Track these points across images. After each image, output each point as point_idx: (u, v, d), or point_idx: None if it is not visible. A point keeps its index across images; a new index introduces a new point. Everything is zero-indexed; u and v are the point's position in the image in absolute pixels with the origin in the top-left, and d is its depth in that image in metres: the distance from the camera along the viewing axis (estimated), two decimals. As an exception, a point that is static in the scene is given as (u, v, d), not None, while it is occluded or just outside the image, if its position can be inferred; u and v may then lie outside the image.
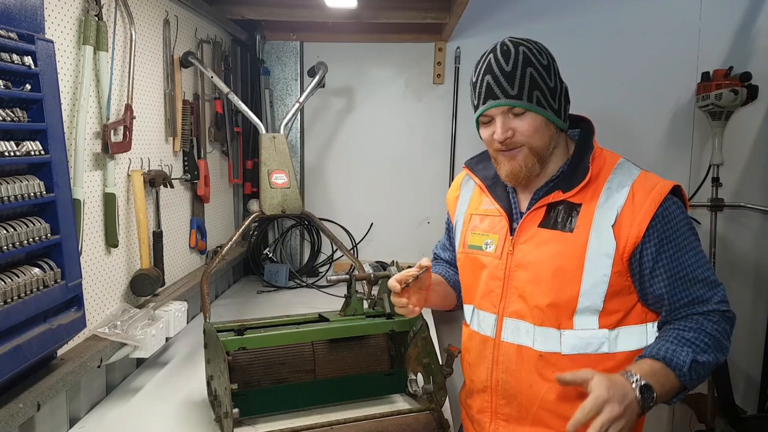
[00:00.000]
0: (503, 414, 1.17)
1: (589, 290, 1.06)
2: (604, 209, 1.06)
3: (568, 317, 1.08)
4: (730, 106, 2.39)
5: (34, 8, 1.13)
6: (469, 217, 1.27)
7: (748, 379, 2.65)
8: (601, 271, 1.05)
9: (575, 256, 1.06)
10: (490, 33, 2.61)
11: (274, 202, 1.98)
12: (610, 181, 1.09)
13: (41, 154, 1.11)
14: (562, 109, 1.10)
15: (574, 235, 1.07)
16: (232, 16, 2.35)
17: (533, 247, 1.11)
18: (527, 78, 1.05)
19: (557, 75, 1.10)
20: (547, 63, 1.08)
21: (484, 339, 1.19)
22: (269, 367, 1.32)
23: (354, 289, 1.42)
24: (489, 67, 1.08)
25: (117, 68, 1.51)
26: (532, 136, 1.08)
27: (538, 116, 1.07)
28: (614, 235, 1.04)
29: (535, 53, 1.07)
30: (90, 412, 1.39)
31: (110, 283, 1.51)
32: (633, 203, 1.05)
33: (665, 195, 1.05)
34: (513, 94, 1.05)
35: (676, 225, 1.05)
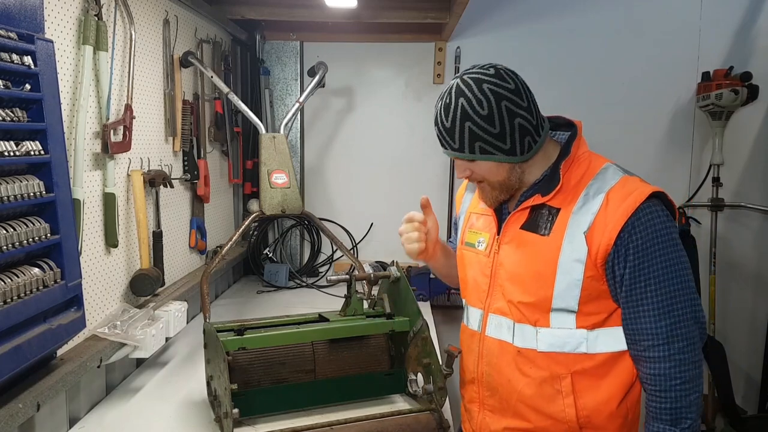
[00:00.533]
0: (488, 405, 1.21)
1: (562, 293, 1.08)
2: (578, 215, 1.08)
3: (544, 315, 1.10)
4: (731, 106, 2.39)
5: (33, 8, 1.13)
6: (468, 215, 1.31)
7: (748, 379, 2.65)
8: (573, 276, 1.07)
9: (549, 259, 1.09)
10: (491, 33, 2.61)
11: (274, 202, 1.98)
12: (589, 187, 1.09)
13: (41, 154, 1.11)
14: (517, 144, 1.09)
15: (549, 239, 1.09)
16: (232, 15, 2.35)
17: (514, 248, 1.15)
18: (466, 132, 1.08)
19: (504, 117, 1.07)
20: (488, 112, 1.06)
21: (472, 333, 1.24)
22: (269, 367, 1.31)
23: (354, 289, 1.42)
24: (436, 119, 1.13)
25: (117, 68, 1.51)
26: (487, 177, 1.14)
27: (487, 162, 1.11)
28: (586, 241, 1.06)
29: (474, 105, 1.06)
30: (90, 412, 1.39)
31: (110, 283, 1.50)
32: (606, 210, 1.05)
33: (640, 203, 1.04)
34: (456, 147, 1.11)
35: (648, 234, 1.04)
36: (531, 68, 2.57)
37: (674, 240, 1.06)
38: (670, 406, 1.04)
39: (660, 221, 1.05)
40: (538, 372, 1.12)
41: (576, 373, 1.10)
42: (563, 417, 1.11)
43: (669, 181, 2.61)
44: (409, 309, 1.39)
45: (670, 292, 1.04)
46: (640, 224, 1.04)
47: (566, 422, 1.11)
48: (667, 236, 1.05)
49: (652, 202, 1.06)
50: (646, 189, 1.06)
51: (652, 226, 1.04)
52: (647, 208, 1.04)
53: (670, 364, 1.03)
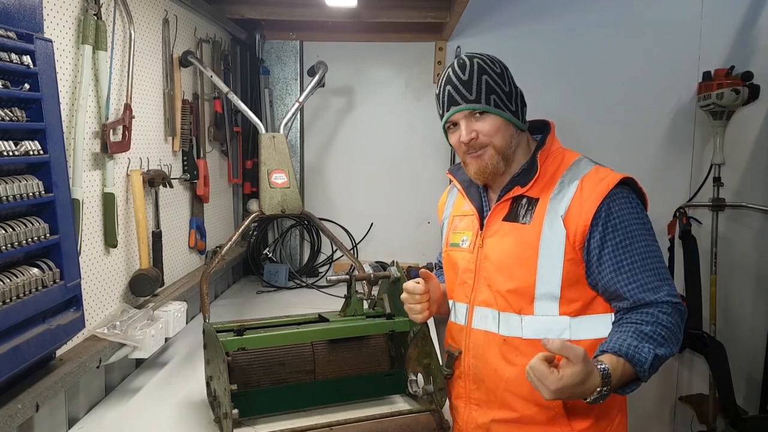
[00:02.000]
0: (475, 398, 1.23)
1: (544, 277, 1.13)
2: (555, 201, 1.14)
3: (529, 303, 1.15)
4: (732, 106, 2.39)
5: (32, 7, 1.13)
6: (452, 219, 1.36)
7: (749, 380, 2.65)
8: (554, 259, 1.12)
9: (531, 245, 1.14)
10: (491, 32, 2.60)
11: (273, 202, 1.98)
12: (564, 176, 1.17)
13: (40, 153, 1.11)
14: (519, 111, 1.21)
15: (530, 225, 1.15)
16: (231, 15, 2.35)
17: (498, 239, 1.20)
18: (483, 84, 1.17)
19: (511, 81, 1.21)
20: (500, 71, 1.20)
21: (460, 328, 1.27)
22: (269, 368, 1.31)
23: (354, 290, 1.41)
24: (449, 78, 1.20)
25: (116, 68, 1.51)
26: (495, 136, 1.18)
27: (498, 117, 1.17)
28: (564, 225, 1.12)
29: (489, 63, 1.19)
30: (89, 412, 1.39)
31: (109, 284, 1.50)
32: (581, 195, 1.12)
33: (612, 186, 1.11)
34: (472, 98, 1.17)
35: (622, 215, 1.10)
36: (531, 68, 2.59)
37: (648, 222, 1.13)
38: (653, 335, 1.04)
39: (632, 205, 1.12)
40: (523, 359, 1.13)
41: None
42: (549, 403, 1.13)
43: (670, 180, 2.61)
44: (409, 309, 1.38)
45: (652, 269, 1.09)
46: (615, 206, 1.10)
47: (552, 408, 1.14)
48: (642, 218, 1.12)
49: (622, 188, 1.13)
50: (617, 175, 1.14)
51: (625, 208, 1.11)
52: (620, 193, 1.12)
53: (660, 308, 1.06)
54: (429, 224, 2.73)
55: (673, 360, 2.70)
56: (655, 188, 2.68)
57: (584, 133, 2.58)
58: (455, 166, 1.38)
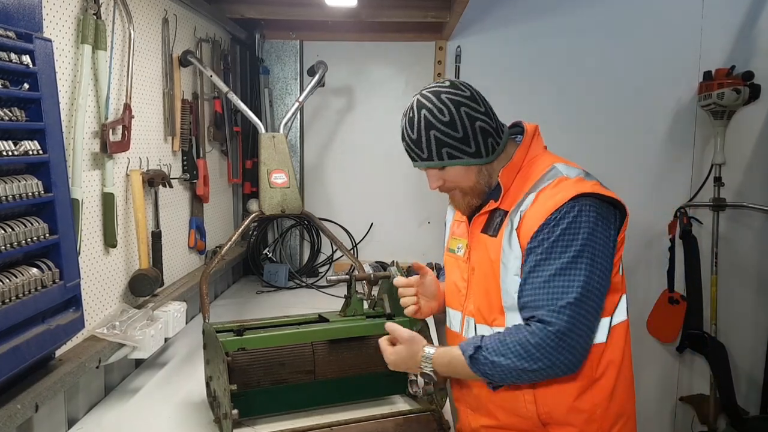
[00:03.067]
0: (469, 403, 1.25)
1: (507, 289, 1.12)
2: (513, 215, 1.14)
3: (499, 314, 1.15)
4: (732, 106, 2.38)
5: (32, 7, 1.13)
6: (453, 223, 1.36)
7: (750, 380, 2.65)
8: (511, 271, 1.12)
9: (495, 258, 1.15)
10: (491, 32, 2.60)
11: (273, 202, 1.98)
12: (530, 189, 1.14)
13: (39, 153, 1.10)
14: (481, 146, 1.15)
15: (496, 239, 1.16)
16: (231, 14, 2.35)
17: (476, 251, 1.21)
18: (432, 141, 1.13)
19: (464, 122, 1.13)
20: (449, 119, 1.12)
21: (455, 335, 1.28)
22: (269, 368, 1.31)
23: (354, 290, 1.41)
24: (403, 134, 1.18)
25: (116, 67, 1.51)
26: (458, 182, 1.18)
27: (456, 167, 1.16)
28: (518, 238, 1.11)
29: (436, 114, 1.12)
30: (88, 413, 1.38)
31: (109, 284, 1.50)
32: (533, 208, 1.10)
33: (564, 202, 1.06)
34: (425, 157, 1.16)
35: (556, 229, 1.06)
36: (532, 67, 2.59)
37: (582, 237, 1.05)
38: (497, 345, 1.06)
39: (580, 218, 1.05)
40: None
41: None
42: (526, 413, 1.14)
43: (670, 180, 2.61)
44: (409, 309, 1.38)
45: (560, 288, 1.04)
46: (555, 221, 1.06)
47: (529, 418, 1.14)
48: (573, 234, 1.05)
49: (578, 200, 1.06)
50: (574, 189, 1.08)
51: (569, 221, 1.05)
52: (568, 207, 1.06)
53: (531, 337, 1.03)
54: (429, 224, 2.72)
55: (673, 360, 2.71)
56: (655, 188, 2.71)
57: (584, 133, 2.58)
58: None
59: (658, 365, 2.71)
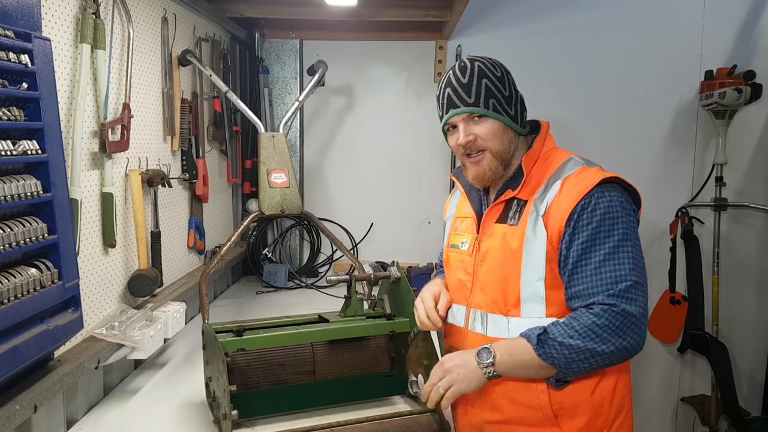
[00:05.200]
0: (470, 400, 1.24)
1: (528, 277, 1.14)
2: (538, 203, 1.16)
3: (515, 304, 1.16)
4: (734, 105, 2.38)
5: (30, 6, 1.12)
6: (454, 220, 1.37)
7: (751, 381, 2.64)
8: (537, 259, 1.14)
9: (516, 246, 1.16)
10: (492, 31, 2.60)
11: (273, 202, 1.97)
12: (551, 177, 1.18)
13: (38, 153, 1.10)
14: (519, 115, 1.21)
15: (517, 227, 1.17)
16: (230, 14, 2.34)
17: (490, 242, 1.22)
18: (483, 87, 1.18)
19: (512, 85, 1.22)
20: (501, 75, 1.20)
21: (458, 330, 1.29)
22: (268, 369, 1.30)
23: (354, 290, 1.41)
24: (449, 80, 1.21)
25: (115, 67, 1.50)
26: (492, 140, 1.19)
27: (496, 121, 1.18)
28: (544, 224, 1.13)
29: (489, 67, 1.20)
30: (87, 413, 1.38)
31: (108, 284, 1.49)
32: (560, 195, 1.13)
33: (591, 187, 1.11)
34: (470, 102, 1.18)
35: (595, 215, 1.10)
36: (532, 66, 2.58)
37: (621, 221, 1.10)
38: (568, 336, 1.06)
39: (610, 204, 1.10)
40: None
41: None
42: (537, 404, 1.14)
43: (672, 180, 2.60)
44: (409, 310, 1.38)
45: (612, 270, 1.08)
46: (590, 206, 1.10)
47: (540, 409, 1.14)
48: (615, 217, 1.10)
49: (605, 187, 1.12)
50: (598, 175, 1.13)
51: (601, 207, 1.10)
52: (598, 192, 1.11)
53: (601, 321, 1.05)
54: (429, 224, 2.72)
55: (675, 361, 2.70)
56: (657, 188, 2.70)
57: (585, 132, 2.57)
58: (459, 168, 1.39)
59: (660, 366, 2.70)
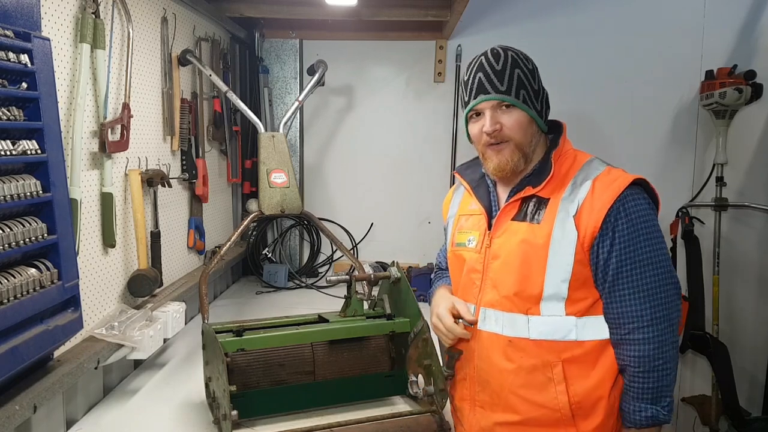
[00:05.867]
0: (480, 401, 1.22)
1: (553, 277, 1.12)
2: (567, 202, 1.14)
3: (535, 303, 1.14)
4: (734, 105, 2.37)
5: (30, 6, 1.12)
6: (458, 218, 1.34)
7: (752, 381, 2.64)
8: (564, 259, 1.12)
9: (540, 245, 1.13)
10: (492, 31, 2.59)
11: (273, 202, 1.97)
12: (576, 177, 1.16)
13: (38, 153, 1.10)
14: (543, 111, 1.21)
15: (540, 226, 1.14)
16: (230, 13, 2.34)
17: (506, 239, 1.19)
18: (515, 77, 1.16)
19: (540, 81, 1.21)
20: (532, 68, 1.20)
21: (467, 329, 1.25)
22: (268, 369, 1.30)
23: (354, 290, 1.41)
24: (481, 65, 1.19)
25: (114, 66, 1.50)
26: (517, 132, 1.17)
27: (524, 113, 1.17)
28: (575, 225, 1.11)
29: (522, 58, 1.20)
30: (87, 414, 1.38)
31: (107, 284, 1.49)
32: (593, 196, 1.12)
33: (624, 188, 1.11)
34: (502, 89, 1.16)
35: (630, 219, 1.10)
36: (533, 67, 2.58)
37: (657, 226, 1.13)
38: (653, 386, 1.10)
39: (643, 207, 1.12)
40: (529, 360, 1.14)
41: (566, 361, 1.14)
42: (555, 405, 1.13)
43: (672, 180, 2.60)
44: (409, 310, 1.38)
45: (654, 275, 1.11)
46: (625, 208, 1.10)
47: (558, 410, 1.13)
48: (651, 222, 1.12)
49: (634, 189, 1.13)
50: (629, 176, 1.14)
51: (637, 211, 1.11)
52: (631, 194, 1.11)
53: (654, 346, 1.10)
54: (429, 224, 2.72)
55: (674, 360, 2.69)
56: (657, 188, 2.65)
57: (586, 132, 2.57)
58: (463, 165, 1.37)
59: (660, 365, 2.70)
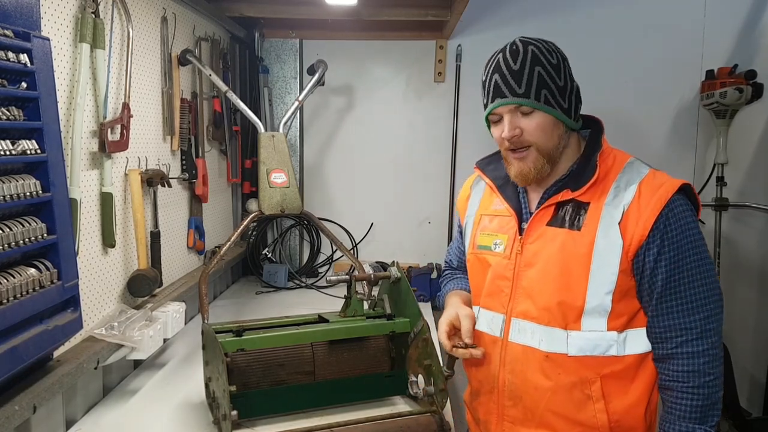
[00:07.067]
0: (509, 416, 1.16)
1: (596, 289, 1.05)
2: (611, 207, 1.06)
3: (576, 318, 1.07)
4: (735, 105, 2.37)
5: (29, 5, 1.12)
6: (479, 218, 1.26)
7: (752, 381, 2.63)
8: (608, 269, 1.04)
9: (582, 254, 1.06)
10: (492, 30, 2.59)
11: (273, 202, 1.97)
12: (619, 180, 1.08)
13: (37, 153, 1.10)
14: (573, 108, 1.10)
15: (581, 233, 1.06)
16: (230, 13, 2.34)
17: (541, 246, 1.11)
18: (535, 77, 1.06)
19: (568, 74, 1.10)
20: (557, 62, 1.08)
21: (493, 339, 1.18)
22: (268, 369, 1.30)
23: (354, 290, 1.40)
24: (498, 65, 1.09)
25: (114, 66, 1.50)
26: (540, 136, 1.08)
27: (546, 115, 1.07)
28: (620, 232, 1.04)
29: (545, 52, 1.08)
30: (87, 414, 1.38)
31: (107, 284, 1.49)
32: (639, 201, 1.04)
33: (672, 193, 1.04)
34: (520, 92, 1.06)
35: (680, 226, 1.04)
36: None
37: (701, 234, 1.07)
38: (701, 404, 1.03)
39: (689, 215, 1.05)
40: (567, 377, 1.08)
41: (605, 377, 1.07)
42: (594, 423, 1.08)
43: (672, 180, 2.60)
44: (409, 310, 1.37)
45: (703, 286, 1.04)
46: (674, 216, 1.03)
47: (597, 428, 1.08)
48: (697, 229, 1.06)
49: (679, 194, 1.06)
50: (676, 181, 1.07)
51: (684, 219, 1.04)
52: (677, 201, 1.05)
53: (705, 360, 1.02)
54: (429, 224, 2.71)
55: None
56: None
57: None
58: (484, 160, 1.28)
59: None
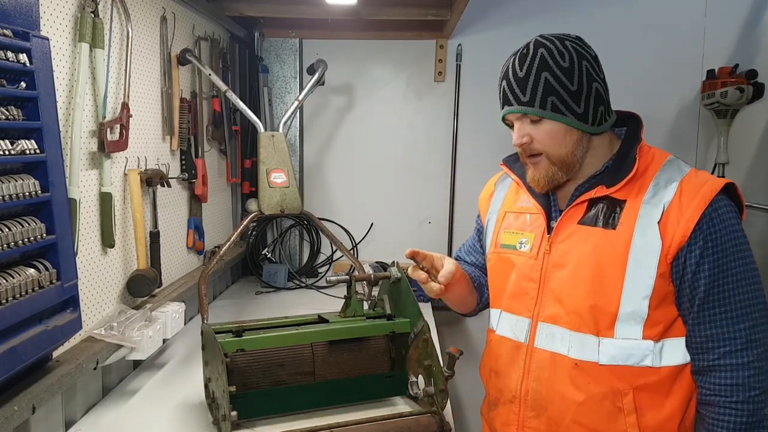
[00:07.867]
0: (531, 427, 1.10)
1: (632, 293, 0.99)
2: (649, 206, 1.00)
3: (609, 324, 1.01)
4: (736, 104, 2.37)
5: (29, 5, 1.12)
6: (503, 215, 1.21)
7: (751, 380, 2.63)
8: (646, 271, 0.98)
9: (618, 254, 0.99)
10: (492, 30, 2.59)
11: (272, 202, 1.96)
12: (658, 177, 1.03)
13: (36, 152, 1.09)
14: (590, 111, 1.03)
15: (617, 232, 1.00)
16: (230, 12, 2.33)
17: (572, 246, 1.05)
18: (541, 84, 1.01)
19: (584, 76, 1.03)
20: (569, 65, 1.02)
21: (517, 345, 1.13)
22: (268, 369, 1.30)
23: (354, 290, 1.40)
24: (506, 71, 1.07)
25: (113, 66, 1.49)
26: (549, 144, 1.04)
27: (556, 123, 1.03)
28: (660, 232, 0.98)
29: (555, 55, 1.02)
30: (86, 414, 1.37)
31: (106, 284, 1.49)
32: (681, 200, 0.98)
33: (716, 193, 0.98)
34: (525, 100, 1.03)
35: (724, 228, 0.98)
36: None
37: (745, 237, 1.01)
38: (746, 420, 0.96)
39: (733, 216, 1.00)
40: (597, 388, 1.02)
41: (638, 389, 1.01)
42: None
43: (672, 180, 2.60)
44: (409, 310, 1.37)
45: (749, 293, 0.98)
46: (717, 216, 0.98)
47: None
48: (741, 232, 1.00)
49: (722, 195, 1.00)
50: (719, 180, 1.01)
51: (728, 220, 0.98)
52: (721, 201, 0.99)
53: (750, 372, 0.96)
54: (430, 224, 2.71)
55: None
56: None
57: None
58: (511, 157, 1.23)
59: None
